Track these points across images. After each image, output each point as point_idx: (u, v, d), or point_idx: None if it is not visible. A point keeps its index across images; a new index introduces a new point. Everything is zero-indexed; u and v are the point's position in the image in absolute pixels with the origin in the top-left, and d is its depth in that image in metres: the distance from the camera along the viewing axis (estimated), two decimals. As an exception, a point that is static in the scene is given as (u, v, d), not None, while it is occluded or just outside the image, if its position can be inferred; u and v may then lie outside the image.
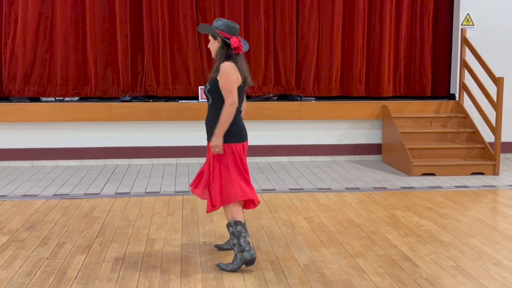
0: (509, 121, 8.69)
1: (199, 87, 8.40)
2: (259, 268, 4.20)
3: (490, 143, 7.93)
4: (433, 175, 7.53)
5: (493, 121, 7.82)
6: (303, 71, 8.75)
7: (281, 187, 6.86)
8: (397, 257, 4.44)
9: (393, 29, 8.89)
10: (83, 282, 3.94)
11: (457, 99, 8.65)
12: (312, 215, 5.63)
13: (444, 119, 8.42)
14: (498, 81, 7.65)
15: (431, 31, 8.95)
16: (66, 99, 8.43)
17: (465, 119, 8.39)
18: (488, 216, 5.63)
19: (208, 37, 4.32)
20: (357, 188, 6.82)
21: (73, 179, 7.27)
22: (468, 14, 8.63)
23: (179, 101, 8.31)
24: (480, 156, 7.89)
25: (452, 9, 8.88)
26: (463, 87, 8.44)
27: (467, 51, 8.39)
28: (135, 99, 8.38)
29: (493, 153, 7.66)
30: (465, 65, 8.37)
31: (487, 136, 8.09)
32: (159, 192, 6.60)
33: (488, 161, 7.64)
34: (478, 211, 5.81)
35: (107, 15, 8.38)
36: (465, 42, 8.37)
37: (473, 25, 8.65)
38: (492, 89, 7.88)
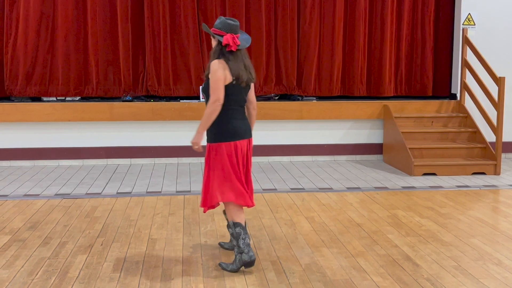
0: (511, 121, 8.68)
1: (200, 87, 8.41)
2: (260, 268, 4.21)
3: (491, 143, 7.93)
4: (434, 175, 7.53)
5: (494, 121, 7.82)
6: (304, 71, 8.75)
7: (282, 186, 6.87)
8: (398, 257, 4.44)
9: (394, 29, 8.89)
10: (85, 281, 3.95)
11: (458, 99, 8.64)
12: (313, 214, 5.63)
13: (445, 119, 8.41)
14: (499, 81, 7.65)
15: (432, 30, 8.95)
16: (67, 99, 8.43)
17: (466, 119, 8.38)
18: (489, 216, 5.63)
19: (210, 36, 4.31)
20: (358, 188, 6.83)
21: (74, 178, 7.28)
22: (469, 14, 8.63)
23: (181, 101, 8.31)
24: (481, 156, 7.88)
25: (453, 8, 8.87)
26: (464, 87, 8.43)
27: (468, 51, 8.38)
28: (136, 99, 8.39)
29: (494, 153, 7.65)
30: (466, 64, 8.37)
31: (488, 136, 8.09)
32: (160, 192, 6.61)
33: (489, 161, 7.64)
34: (479, 211, 5.81)
35: (108, 15, 8.38)
36: (466, 41, 8.37)
37: (474, 24, 8.65)
38: (493, 89, 7.87)
